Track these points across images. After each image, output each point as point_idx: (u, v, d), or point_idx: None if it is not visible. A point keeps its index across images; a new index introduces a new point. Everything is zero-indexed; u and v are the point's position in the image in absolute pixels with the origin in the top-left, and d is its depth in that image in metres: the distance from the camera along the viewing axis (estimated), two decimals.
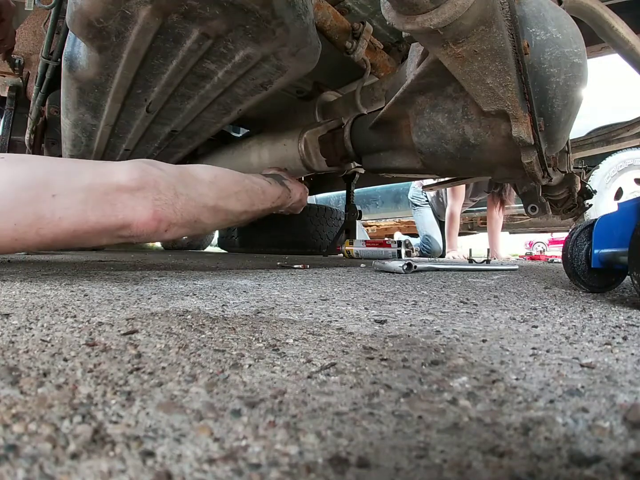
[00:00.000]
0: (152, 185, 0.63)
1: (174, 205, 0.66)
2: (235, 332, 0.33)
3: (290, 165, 1.34)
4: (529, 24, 0.60)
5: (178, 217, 0.67)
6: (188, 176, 0.71)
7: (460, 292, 0.63)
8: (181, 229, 0.69)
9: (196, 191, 0.71)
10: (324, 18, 0.97)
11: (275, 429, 0.17)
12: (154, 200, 0.63)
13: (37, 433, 0.16)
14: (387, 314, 0.43)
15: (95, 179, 0.59)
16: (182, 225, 0.69)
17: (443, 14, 0.46)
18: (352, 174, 2.01)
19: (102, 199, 0.58)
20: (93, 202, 0.57)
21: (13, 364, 0.23)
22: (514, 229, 3.97)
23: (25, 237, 0.54)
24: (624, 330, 0.36)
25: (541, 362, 0.27)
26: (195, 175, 0.73)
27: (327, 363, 0.26)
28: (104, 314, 0.38)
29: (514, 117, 0.63)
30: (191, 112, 1.11)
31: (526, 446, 0.16)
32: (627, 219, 0.54)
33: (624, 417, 0.19)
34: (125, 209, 0.60)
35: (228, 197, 0.78)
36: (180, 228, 0.69)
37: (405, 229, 4.60)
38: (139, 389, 0.21)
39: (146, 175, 0.63)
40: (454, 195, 2.82)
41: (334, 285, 0.68)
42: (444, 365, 0.26)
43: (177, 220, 0.67)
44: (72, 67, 0.87)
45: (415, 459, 0.15)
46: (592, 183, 2.46)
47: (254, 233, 2.52)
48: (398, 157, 0.95)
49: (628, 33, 0.84)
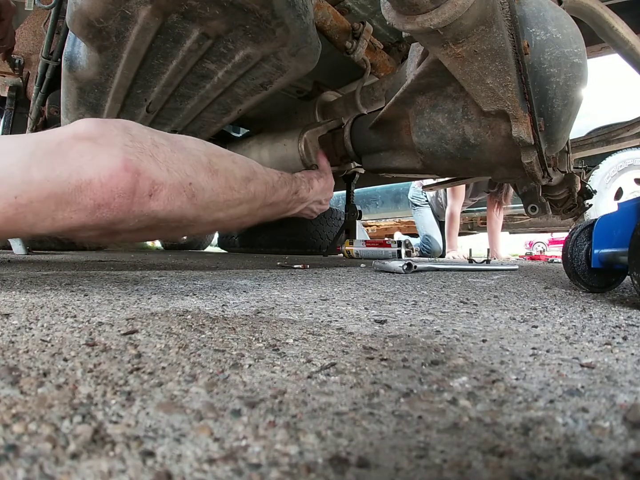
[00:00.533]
0: (120, 130, 0.47)
1: (155, 155, 0.48)
2: (235, 332, 0.33)
3: (290, 165, 1.34)
4: (529, 24, 0.60)
5: (164, 173, 0.48)
6: (166, 133, 0.55)
7: (460, 292, 0.62)
8: (174, 194, 0.49)
9: (181, 144, 0.53)
10: (324, 18, 0.97)
11: (275, 429, 0.17)
12: (124, 146, 0.45)
13: (37, 433, 0.16)
14: (387, 314, 0.43)
15: (49, 133, 0.45)
16: (174, 189, 0.49)
17: (443, 14, 0.46)
18: (352, 174, 2.01)
19: (53, 149, 0.42)
20: (41, 155, 0.42)
21: (13, 364, 0.23)
22: (514, 229, 3.97)
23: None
24: (624, 330, 0.36)
25: (541, 362, 0.27)
26: (174, 134, 0.57)
27: (327, 363, 0.26)
28: (104, 314, 0.38)
29: (514, 117, 0.63)
30: (191, 112, 1.11)
31: (526, 446, 0.16)
32: (627, 219, 0.54)
33: (624, 417, 0.19)
34: (82, 158, 0.43)
35: (222, 157, 0.59)
36: (171, 193, 0.49)
37: (405, 229, 4.60)
38: (139, 389, 0.21)
39: (113, 122, 0.48)
40: (454, 195, 2.82)
41: (334, 285, 0.68)
42: (444, 365, 0.26)
43: (165, 179, 0.48)
44: (72, 67, 0.87)
45: (415, 459, 0.15)
46: (592, 183, 2.46)
47: (254, 233, 2.52)
48: (398, 157, 0.95)
49: (628, 33, 0.84)
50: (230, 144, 1.68)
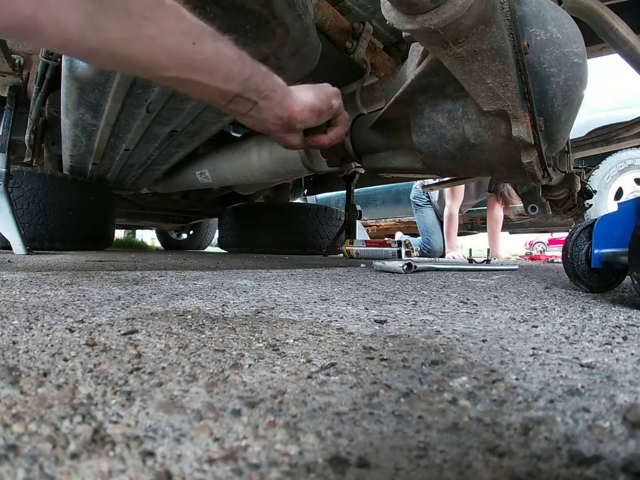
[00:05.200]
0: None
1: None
2: (235, 332, 0.33)
3: (290, 165, 1.34)
4: (529, 23, 0.60)
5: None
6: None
7: (460, 292, 0.62)
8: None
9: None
10: (324, 18, 0.97)
11: (275, 429, 0.17)
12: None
13: (37, 433, 0.16)
14: (387, 314, 0.43)
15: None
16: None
17: (443, 13, 0.46)
18: (352, 174, 2.01)
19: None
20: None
21: (13, 364, 0.23)
22: (514, 229, 3.97)
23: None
24: (624, 330, 0.36)
25: (541, 362, 0.27)
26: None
27: (327, 363, 0.26)
28: (104, 314, 0.38)
29: (514, 116, 0.63)
30: (191, 112, 1.11)
31: (526, 446, 0.16)
32: (627, 219, 0.54)
33: (624, 417, 0.19)
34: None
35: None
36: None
37: (405, 229, 4.60)
38: (139, 389, 0.21)
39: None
40: (452, 195, 2.83)
41: (334, 285, 0.68)
42: (444, 365, 0.26)
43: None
44: (72, 67, 0.87)
45: (415, 459, 0.15)
46: (592, 183, 2.46)
47: (254, 233, 2.52)
48: (398, 157, 0.94)
49: (628, 33, 0.84)
50: (230, 144, 1.68)
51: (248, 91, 0.51)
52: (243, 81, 0.49)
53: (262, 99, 0.53)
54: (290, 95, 0.56)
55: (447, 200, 2.88)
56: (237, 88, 0.50)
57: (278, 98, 0.54)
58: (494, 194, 2.83)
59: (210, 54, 0.46)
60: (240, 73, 0.49)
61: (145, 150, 1.44)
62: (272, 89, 0.53)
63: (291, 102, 0.56)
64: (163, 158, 1.58)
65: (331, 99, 0.61)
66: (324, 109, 0.60)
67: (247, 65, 0.50)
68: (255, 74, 0.51)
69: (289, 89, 0.57)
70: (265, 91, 0.52)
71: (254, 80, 0.51)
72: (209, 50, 0.46)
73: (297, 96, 0.57)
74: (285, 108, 0.56)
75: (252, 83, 0.50)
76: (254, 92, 0.51)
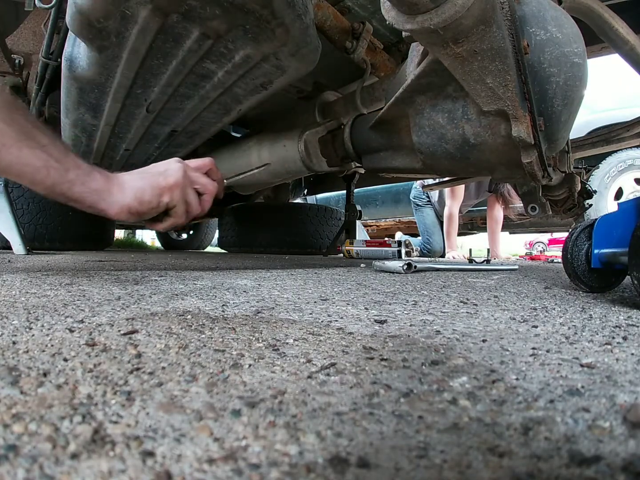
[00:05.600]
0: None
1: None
2: (235, 332, 0.33)
3: (290, 165, 1.34)
4: (529, 23, 0.60)
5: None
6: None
7: (460, 292, 0.62)
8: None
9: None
10: (324, 18, 0.97)
11: (275, 429, 0.17)
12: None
13: (37, 433, 0.16)
14: (387, 314, 0.43)
15: None
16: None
17: (443, 13, 0.46)
18: (352, 174, 2.01)
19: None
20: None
21: (13, 364, 0.23)
22: (514, 229, 3.97)
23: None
24: (624, 330, 0.36)
25: (541, 362, 0.27)
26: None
27: (327, 363, 0.26)
28: (104, 314, 0.38)
29: (514, 116, 0.63)
30: (191, 112, 1.11)
31: (526, 446, 0.16)
32: (627, 219, 0.54)
33: (624, 417, 0.19)
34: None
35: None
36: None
37: (405, 229, 4.60)
38: (139, 389, 0.21)
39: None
40: (452, 195, 2.83)
41: (334, 285, 0.68)
42: (444, 365, 0.26)
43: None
44: (72, 67, 0.87)
45: (415, 459, 0.15)
46: (592, 183, 2.46)
47: (254, 233, 2.52)
48: (398, 157, 0.95)
49: (628, 33, 0.84)
50: (230, 144, 1.68)
51: (55, 194, 0.55)
52: (46, 187, 0.54)
53: (72, 201, 0.56)
54: (108, 200, 0.58)
55: (447, 200, 2.88)
56: (43, 191, 0.55)
57: (90, 201, 0.57)
58: (494, 194, 2.83)
59: (12, 161, 0.51)
60: (42, 181, 0.53)
61: (145, 150, 1.44)
62: (82, 195, 0.56)
63: (105, 207, 0.58)
64: (163, 158, 1.57)
65: (163, 194, 0.60)
66: (143, 211, 0.60)
67: (52, 174, 0.53)
68: (62, 182, 0.54)
69: (108, 190, 0.58)
70: (75, 195, 0.56)
71: (59, 187, 0.54)
72: (11, 157, 0.51)
73: (116, 199, 0.58)
74: (100, 210, 0.58)
75: (58, 189, 0.55)
76: (62, 196, 0.56)
